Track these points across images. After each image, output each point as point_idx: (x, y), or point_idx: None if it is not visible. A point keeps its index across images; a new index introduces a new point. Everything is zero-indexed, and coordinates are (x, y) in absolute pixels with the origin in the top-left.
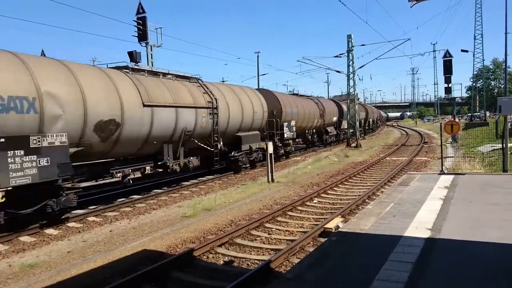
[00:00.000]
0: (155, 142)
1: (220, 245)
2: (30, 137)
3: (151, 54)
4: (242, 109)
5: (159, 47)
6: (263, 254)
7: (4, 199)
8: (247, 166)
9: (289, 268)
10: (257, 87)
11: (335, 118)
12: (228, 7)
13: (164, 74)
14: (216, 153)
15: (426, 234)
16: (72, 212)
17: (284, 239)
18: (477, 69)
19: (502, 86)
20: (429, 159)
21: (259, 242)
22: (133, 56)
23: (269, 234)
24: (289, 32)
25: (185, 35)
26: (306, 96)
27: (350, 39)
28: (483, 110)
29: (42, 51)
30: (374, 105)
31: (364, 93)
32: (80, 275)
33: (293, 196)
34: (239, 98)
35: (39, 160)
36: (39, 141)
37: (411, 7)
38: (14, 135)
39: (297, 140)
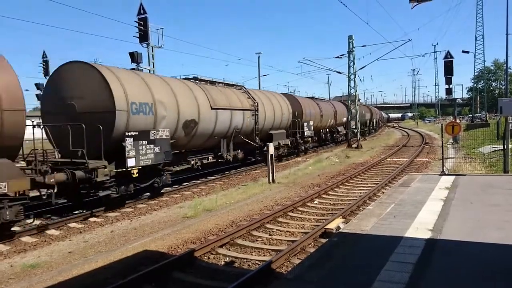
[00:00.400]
0: (215, 137)
1: (221, 246)
2: (150, 132)
3: (152, 55)
4: (274, 111)
5: (160, 48)
6: (264, 255)
7: (137, 174)
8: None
9: (290, 269)
10: (258, 88)
11: (344, 119)
12: (229, 9)
13: (217, 83)
14: (257, 147)
15: (427, 235)
16: (75, 212)
17: (285, 240)
18: (478, 70)
19: (503, 87)
20: (430, 160)
21: (260, 243)
22: (135, 56)
23: (270, 234)
24: (290, 33)
25: (186, 36)
26: (320, 99)
27: (351, 40)
28: (484, 111)
29: (44, 52)
30: (375, 106)
31: (365, 94)
32: (81, 275)
33: (294, 196)
34: (272, 101)
35: (155, 148)
36: (154, 135)
37: (412, 8)
38: (142, 130)
39: (314, 138)
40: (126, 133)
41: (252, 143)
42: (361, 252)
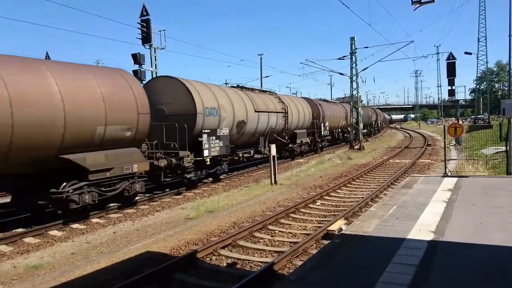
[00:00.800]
0: (256, 135)
1: (223, 247)
2: (217, 130)
3: (155, 57)
4: (298, 113)
5: (163, 49)
6: (266, 256)
7: (209, 162)
8: (298, 155)
9: (292, 270)
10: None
11: (354, 120)
12: (231, 10)
13: (256, 90)
14: (286, 144)
15: (429, 236)
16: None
17: (287, 241)
18: (481, 71)
19: (506, 88)
20: (432, 161)
21: (262, 244)
22: (137, 58)
23: (272, 236)
24: (292, 35)
25: (188, 37)
26: (333, 101)
27: (353, 42)
28: (487, 112)
29: (47, 53)
30: (377, 107)
31: (367, 95)
32: (83, 276)
33: (296, 198)
34: (296, 105)
35: (219, 143)
36: (219, 132)
37: (414, 10)
38: (212, 128)
39: (328, 137)
40: (203, 130)
41: (282, 140)
42: (363, 254)
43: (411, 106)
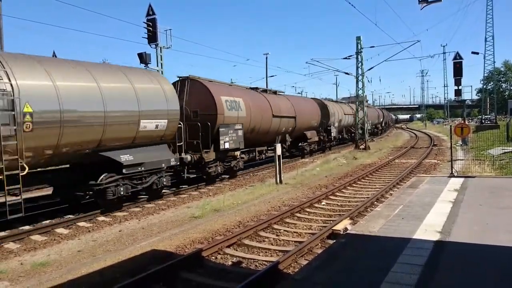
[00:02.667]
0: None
1: (228, 246)
2: (235, 125)
3: (161, 56)
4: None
5: (169, 48)
6: (271, 256)
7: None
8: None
9: (298, 269)
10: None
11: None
12: (237, 9)
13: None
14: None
15: (435, 237)
16: (84, 214)
17: (292, 241)
18: (488, 71)
19: None
20: (438, 161)
21: (267, 243)
22: (143, 57)
23: (277, 235)
24: (298, 34)
25: (194, 37)
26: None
27: (359, 41)
28: (494, 112)
29: (54, 52)
30: (383, 107)
31: (373, 95)
32: (90, 274)
33: (301, 197)
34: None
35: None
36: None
37: (421, 9)
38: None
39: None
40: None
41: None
42: (368, 254)
43: (417, 106)
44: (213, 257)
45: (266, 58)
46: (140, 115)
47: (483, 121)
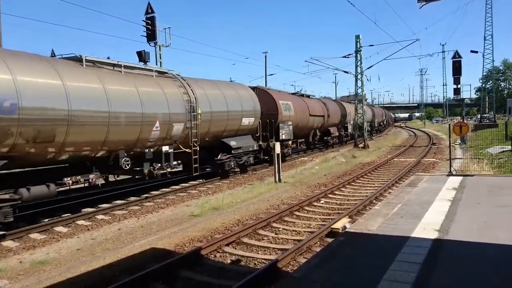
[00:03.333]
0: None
1: (227, 244)
2: (288, 122)
3: (160, 54)
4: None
5: (168, 47)
6: (270, 254)
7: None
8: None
9: (296, 267)
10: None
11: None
12: (236, 7)
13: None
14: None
15: (433, 235)
16: (82, 210)
17: (291, 239)
18: (487, 70)
19: None
20: (437, 160)
21: (266, 242)
22: (142, 56)
23: (276, 233)
24: (297, 33)
25: (193, 35)
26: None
27: (358, 40)
28: (493, 111)
29: (52, 50)
30: (382, 106)
31: (372, 93)
32: (89, 272)
33: (300, 196)
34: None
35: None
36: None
37: (420, 8)
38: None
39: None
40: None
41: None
42: (367, 252)
43: (416, 104)
44: (212, 256)
45: (265, 56)
46: (242, 114)
47: (481, 119)
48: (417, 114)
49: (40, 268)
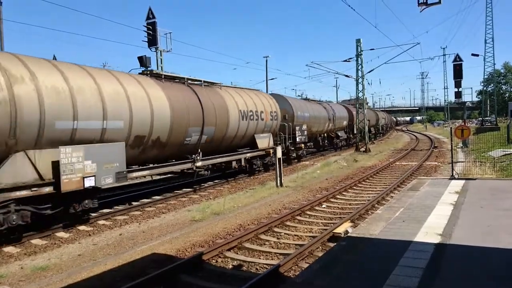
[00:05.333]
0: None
1: (229, 249)
2: (303, 125)
3: (161, 59)
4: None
5: (169, 52)
6: (272, 259)
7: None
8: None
9: (298, 272)
10: (265, 91)
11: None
12: (237, 13)
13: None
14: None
15: (436, 239)
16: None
17: (293, 244)
18: (488, 73)
19: None
20: (439, 164)
21: (268, 247)
22: (143, 61)
23: (278, 238)
24: (298, 37)
25: (194, 40)
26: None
27: (359, 44)
28: (494, 114)
29: (54, 56)
30: (383, 109)
31: (373, 97)
32: (90, 278)
33: (301, 200)
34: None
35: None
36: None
37: (420, 12)
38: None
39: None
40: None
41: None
42: (369, 257)
43: (418, 108)
44: (213, 261)
45: (266, 61)
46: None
47: (483, 123)
48: (418, 118)
49: (41, 274)
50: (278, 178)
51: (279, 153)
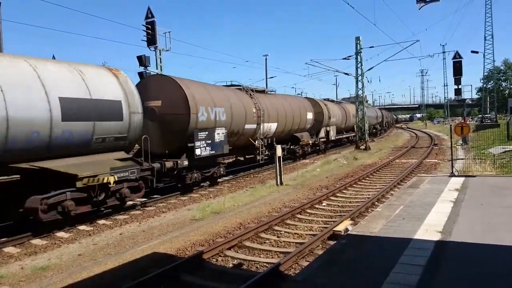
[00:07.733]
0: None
1: (229, 248)
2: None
3: (160, 58)
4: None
5: (168, 51)
6: (272, 257)
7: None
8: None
9: (299, 271)
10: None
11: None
12: (236, 11)
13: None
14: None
15: (436, 237)
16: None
17: (293, 242)
18: (488, 70)
19: None
20: (439, 161)
21: (268, 245)
22: (142, 60)
23: (278, 237)
24: (297, 35)
25: (193, 39)
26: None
27: (358, 41)
28: (494, 111)
29: (53, 56)
30: (383, 107)
31: (373, 95)
32: (91, 278)
33: (302, 199)
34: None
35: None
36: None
37: (419, 9)
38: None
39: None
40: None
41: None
42: (369, 254)
43: (417, 105)
44: (214, 259)
45: (266, 59)
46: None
47: (483, 120)
48: (418, 115)
49: (42, 274)
50: (278, 177)
51: (279, 152)
